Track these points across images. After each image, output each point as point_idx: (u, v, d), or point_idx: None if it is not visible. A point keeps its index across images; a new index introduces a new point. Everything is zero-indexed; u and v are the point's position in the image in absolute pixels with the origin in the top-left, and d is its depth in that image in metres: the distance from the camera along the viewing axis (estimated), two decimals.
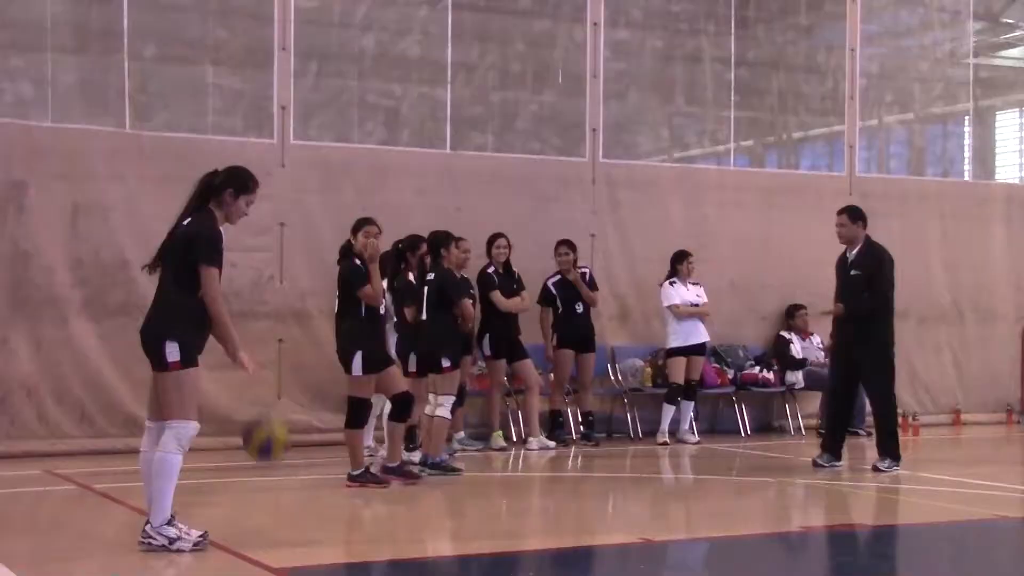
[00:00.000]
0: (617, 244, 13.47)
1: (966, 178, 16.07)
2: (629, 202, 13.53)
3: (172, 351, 6.75)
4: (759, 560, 7.30)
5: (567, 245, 12.39)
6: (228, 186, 7.03)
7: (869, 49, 15.30)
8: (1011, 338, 15.26)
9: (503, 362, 12.01)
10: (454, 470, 10.03)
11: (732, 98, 14.47)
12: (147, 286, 11.39)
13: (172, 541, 6.73)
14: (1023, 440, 14.07)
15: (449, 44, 13.01)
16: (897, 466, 10.54)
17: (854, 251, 10.80)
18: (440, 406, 9.88)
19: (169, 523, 6.78)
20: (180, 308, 6.86)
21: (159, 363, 6.81)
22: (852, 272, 10.75)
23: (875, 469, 10.54)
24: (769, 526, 8.49)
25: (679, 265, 12.67)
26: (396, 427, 9.62)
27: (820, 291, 12.00)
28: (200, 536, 6.81)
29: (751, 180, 14.47)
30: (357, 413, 9.43)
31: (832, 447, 10.82)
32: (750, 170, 14.97)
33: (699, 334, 12.61)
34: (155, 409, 7.00)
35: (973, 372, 15.05)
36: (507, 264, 12.10)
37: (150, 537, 6.78)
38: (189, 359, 6.80)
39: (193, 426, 6.83)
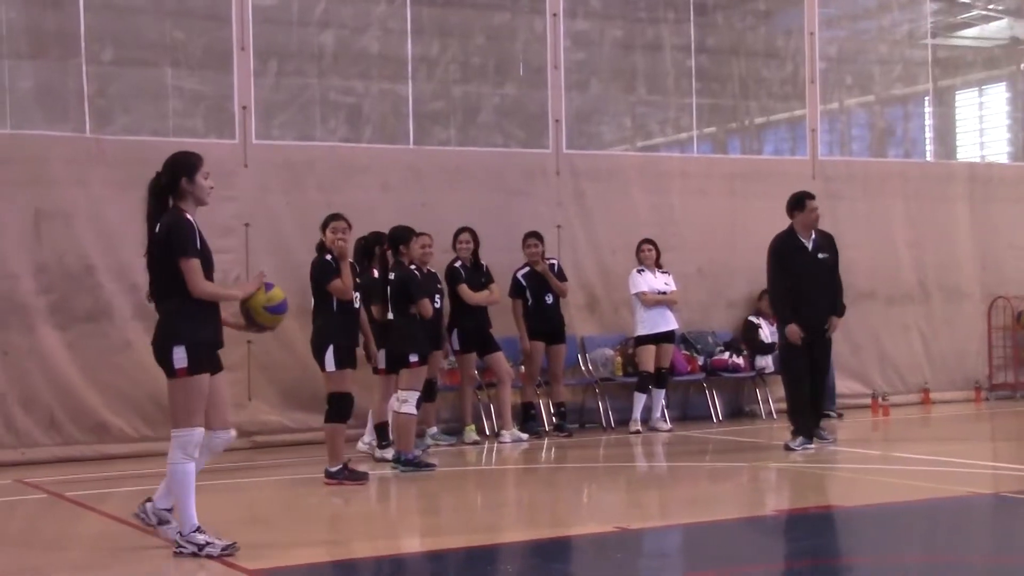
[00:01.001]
0: (583, 234, 13.46)
1: (928, 158, 16.16)
2: (594, 192, 13.53)
3: (179, 357, 6.70)
4: (734, 545, 7.33)
5: (535, 237, 12.39)
6: (178, 176, 6.87)
7: (828, 32, 15.36)
8: (977, 315, 15.35)
9: (473, 356, 12.00)
10: (428, 466, 10.01)
11: (693, 85, 14.49)
12: (113, 291, 11.46)
13: (201, 547, 6.74)
14: (992, 417, 14.17)
15: (409, 39, 12.97)
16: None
17: (811, 236, 10.92)
18: (404, 402, 9.84)
19: (197, 530, 6.79)
20: (180, 310, 6.77)
21: (168, 370, 6.78)
22: (820, 256, 10.90)
23: (788, 448, 10.78)
24: (743, 510, 8.51)
25: (638, 254, 12.73)
26: (335, 428, 9.46)
27: None
28: (229, 543, 6.81)
29: (715, 167, 14.50)
30: (338, 408, 9.40)
31: (803, 430, 10.87)
32: (713, 157, 14.99)
33: (667, 322, 12.64)
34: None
35: (941, 350, 15.13)
36: (475, 258, 12.09)
37: (181, 547, 6.78)
38: (196, 366, 6.73)
39: (198, 432, 6.79)
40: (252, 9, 12.16)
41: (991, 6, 17.02)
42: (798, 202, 10.99)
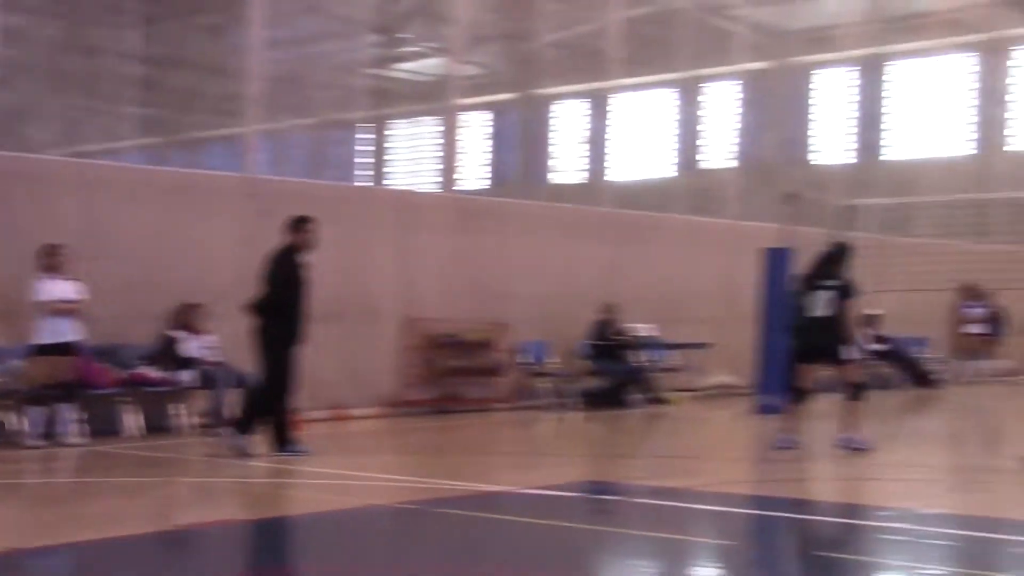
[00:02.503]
0: (4, 240, 12.83)
1: (359, 183, 16.95)
2: (20, 197, 12.96)
3: None
4: (137, 561, 7.36)
5: None
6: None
7: (273, 53, 15.68)
8: (392, 335, 16.18)
9: None
10: None
11: (133, 94, 14.34)
12: None
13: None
14: (399, 432, 15.00)
15: None
16: None
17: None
18: None
19: None
20: None
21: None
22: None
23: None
24: (152, 526, 8.52)
25: (47, 259, 12.25)
26: None
27: (218, 289, 12.21)
28: None
29: (150, 178, 14.39)
30: None
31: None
32: (149, 168, 14.91)
33: (69, 332, 12.26)
34: None
35: (358, 368, 15.73)
36: None
37: None
38: None
39: None
40: None
41: (424, 43, 18.20)
42: (300, 223, 11.80)
